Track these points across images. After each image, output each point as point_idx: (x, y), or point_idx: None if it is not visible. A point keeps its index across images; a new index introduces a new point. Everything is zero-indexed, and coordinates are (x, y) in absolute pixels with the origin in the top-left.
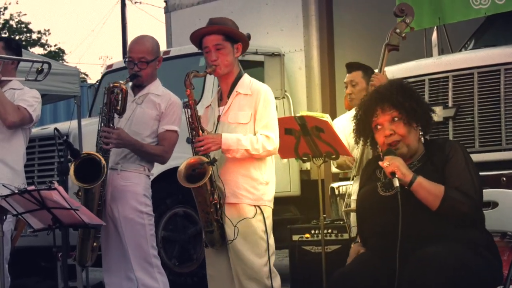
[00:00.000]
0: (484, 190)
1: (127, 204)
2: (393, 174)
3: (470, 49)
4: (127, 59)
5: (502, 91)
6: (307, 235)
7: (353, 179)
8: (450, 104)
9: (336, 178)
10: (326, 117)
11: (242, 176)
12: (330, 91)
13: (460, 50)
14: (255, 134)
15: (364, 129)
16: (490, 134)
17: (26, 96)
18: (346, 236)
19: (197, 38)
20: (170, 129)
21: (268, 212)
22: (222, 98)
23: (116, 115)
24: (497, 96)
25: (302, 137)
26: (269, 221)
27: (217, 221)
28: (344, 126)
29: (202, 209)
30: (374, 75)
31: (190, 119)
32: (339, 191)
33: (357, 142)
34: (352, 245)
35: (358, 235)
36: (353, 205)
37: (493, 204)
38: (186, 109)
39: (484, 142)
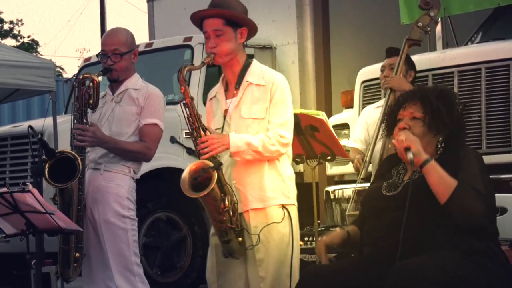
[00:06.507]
0: None
1: (108, 207)
2: (407, 149)
3: (477, 43)
4: (100, 53)
5: (511, 88)
6: (300, 243)
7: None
8: None
9: (332, 181)
10: (322, 115)
11: (267, 173)
12: (326, 87)
13: (467, 44)
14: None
15: (390, 120)
16: (498, 135)
17: None
18: None
19: (198, 20)
20: (149, 122)
21: (295, 212)
22: (228, 89)
23: (89, 110)
24: (506, 93)
25: (295, 136)
26: (296, 222)
27: (233, 229)
28: (368, 114)
29: (213, 218)
30: (389, 77)
31: (190, 119)
32: (334, 195)
33: (387, 134)
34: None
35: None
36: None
37: (501, 210)
38: (184, 109)
39: (492, 143)
